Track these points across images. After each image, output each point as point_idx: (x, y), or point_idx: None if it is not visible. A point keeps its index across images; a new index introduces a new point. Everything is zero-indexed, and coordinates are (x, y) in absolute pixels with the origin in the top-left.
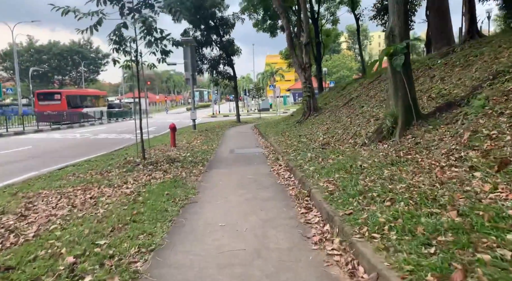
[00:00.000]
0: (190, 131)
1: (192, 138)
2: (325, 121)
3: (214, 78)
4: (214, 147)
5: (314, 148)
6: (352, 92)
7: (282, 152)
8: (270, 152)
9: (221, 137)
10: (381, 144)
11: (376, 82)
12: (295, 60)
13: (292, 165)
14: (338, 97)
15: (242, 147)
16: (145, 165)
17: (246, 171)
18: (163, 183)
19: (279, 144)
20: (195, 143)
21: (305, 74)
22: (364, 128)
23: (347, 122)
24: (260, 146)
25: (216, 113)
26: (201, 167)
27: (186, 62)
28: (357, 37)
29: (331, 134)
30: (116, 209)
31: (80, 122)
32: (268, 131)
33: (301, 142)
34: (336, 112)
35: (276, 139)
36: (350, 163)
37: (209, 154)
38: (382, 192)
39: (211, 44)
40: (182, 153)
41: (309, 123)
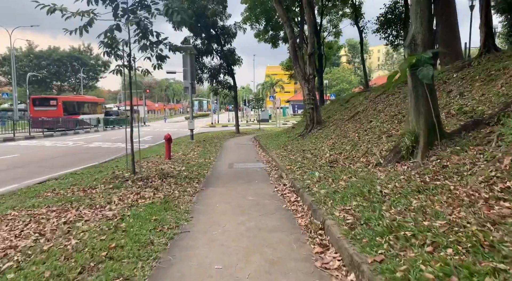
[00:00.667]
0: (188, 141)
1: (189, 149)
2: (330, 136)
3: (214, 88)
4: (212, 160)
5: (322, 165)
6: (357, 105)
7: (285, 169)
8: (272, 168)
9: (220, 149)
10: (400, 165)
11: (384, 96)
12: (298, 70)
13: (299, 185)
14: (342, 110)
15: (242, 160)
16: (134, 181)
17: (247, 190)
18: (152, 204)
19: (281, 159)
20: (192, 155)
21: (308, 86)
22: (376, 145)
23: (354, 138)
24: (261, 160)
25: (215, 123)
26: (196, 184)
27: (185, 70)
28: (360, 49)
29: (338, 150)
30: (92, 240)
31: (76, 129)
32: (269, 144)
33: (306, 157)
34: (341, 127)
35: (278, 154)
36: (367, 187)
37: (206, 168)
38: (418, 231)
39: (212, 53)
40: (176, 167)
41: (312, 137)
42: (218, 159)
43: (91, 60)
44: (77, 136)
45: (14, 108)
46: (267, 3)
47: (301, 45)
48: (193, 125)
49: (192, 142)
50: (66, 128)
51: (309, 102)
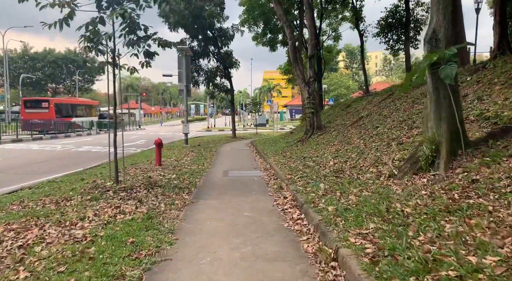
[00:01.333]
0: (182, 146)
1: (183, 154)
2: (332, 142)
3: (210, 91)
4: (206, 167)
5: (326, 175)
6: (360, 110)
7: (285, 178)
8: (270, 176)
9: (215, 154)
10: (418, 178)
11: (389, 101)
12: (298, 73)
13: (302, 199)
14: (344, 115)
15: (238, 167)
16: (116, 191)
17: (242, 204)
18: (132, 220)
19: (280, 167)
20: (185, 160)
21: (308, 89)
22: (386, 153)
23: (360, 145)
24: (258, 167)
25: (211, 127)
26: (186, 195)
27: (180, 72)
28: (361, 53)
29: (342, 158)
30: (47, 272)
31: (68, 132)
32: (266, 149)
33: (308, 165)
34: (344, 132)
35: (277, 161)
36: (384, 203)
37: (199, 176)
38: (465, 271)
39: (208, 56)
40: (167, 174)
41: (312, 143)
42: (212, 165)
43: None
44: (67, 139)
45: (6, 110)
46: (265, 5)
47: (300, 48)
48: (187, 130)
49: (186, 146)
50: (58, 131)
51: (309, 106)
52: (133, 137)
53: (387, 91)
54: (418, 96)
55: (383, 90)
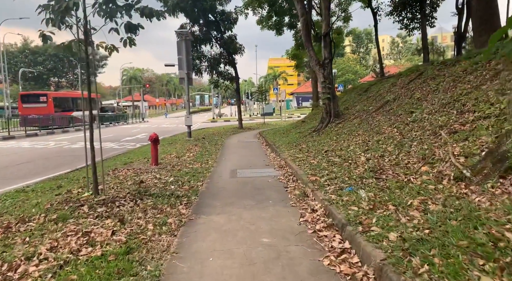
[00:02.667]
0: (184, 140)
1: (185, 149)
2: (356, 132)
3: (214, 80)
4: (210, 165)
5: (362, 176)
6: (383, 94)
7: (309, 180)
8: (288, 177)
9: (220, 149)
10: (509, 182)
11: (419, 81)
12: (312, 54)
13: (341, 216)
14: (363, 100)
15: (247, 165)
16: (93, 206)
17: (258, 221)
18: (102, 257)
19: (299, 164)
20: (187, 157)
21: (323, 72)
22: (437, 146)
23: (394, 135)
24: (271, 163)
25: (216, 118)
26: (184, 208)
27: (180, 59)
28: (375, 33)
29: (376, 152)
30: None
31: (69, 126)
32: (278, 141)
33: (333, 162)
34: (368, 120)
35: (293, 155)
36: (480, 229)
37: (202, 178)
38: None
39: (211, 41)
40: (163, 176)
41: (331, 133)
42: (218, 163)
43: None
44: (64, 135)
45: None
46: None
47: (310, 28)
48: (190, 121)
49: (189, 140)
50: (58, 126)
51: (325, 91)
52: (134, 130)
53: (413, 71)
54: (459, 74)
55: (408, 70)
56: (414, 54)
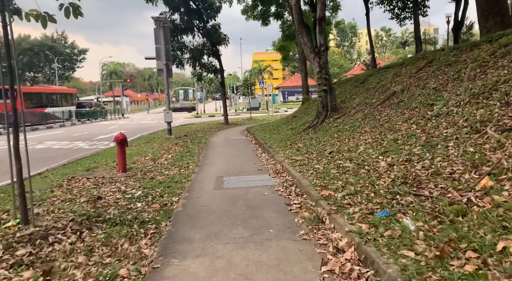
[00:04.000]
0: (164, 138)
1: (163, 150)
2: (362, 128)
3: (197, 72)
4: (191, 170)
5: (392, 191)
6: (386, 85)
7: (319, 195)
8: (288, 187)
9: (204, 148)
10: None
11: (432, 69)
12: (306, 40)
13: (398, 277)
14: (362, 92)
15: (236, 170)
16: (11, 246)
17: (256, 272)
18: None
19: (301, 170)
20: (164, 159)
21: (319, 61)
22: (491, 149)
23: (415, 132)
24: (265, 168)
25: (200, 113)
26: (147, 246)
27: (158, 48)
28: (366, 23)
29: (398, 154)
30: None
31: (42, 124)
32: (269, 139)
33: (344, 168)
34: (374, 114)
35: (290, 157)
36: None
37: (178, 191)
38: None
39: (193, 31)
40: (129, 188)
41: (330, 130)
42: (200, 167)
43: (66, 49)
44: (32, 133)
45: None
46: None
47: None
48: (170, 117)
49: (169, 138)
50: (31, 124)
51: (321, 82)
52: (111, 128)
53: (419, 59)
54: (485, 59)
55: (412, 58)
56: (398, 47)
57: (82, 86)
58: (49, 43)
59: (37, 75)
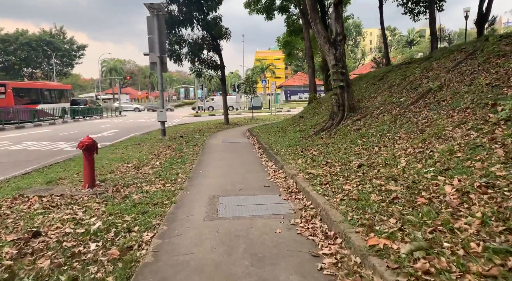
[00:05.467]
0: (157, 138)
1: (151, 155)
2: (393, 133)
3: (196, 68)
4: (178, 185)
5: (501, 247)
6: (416, 81)
7: (368, 250)
8: (310, 220)
9: (199, 153)
10: None
11: (475, 62)
12: (319, 29)
13: None
14: (384, 90)
15: (236, 186)
16: None
17: None
18: None
19: (324, 192)
20: (150, 167)
21: (335, 52)
22: None
23: (482, 142)
24: (273, 183)
25: (200, 112)
26: None
27: (151, 39)
28: (380, 15)
29: (466, 173)
30: None
31: (34, 121)
32: (275, 143)
33: (389, 193)
34: (407, 116)
35: (305, 170)
36: None
37: (153, 223)
38: None
39: (192, 23)
40: (88, 216)
41: (349, 134)
42: (190, 180)
43: (64, 44)
44: (16, 132)
45: None
46: None
47: None
48: (164, 117)
49: (163, 139)
50: (20, 121)
51: (336, 77)
52: (103, 126)
53: (452, 51)
54: None
55: (445, 51)
56: (405, 47)
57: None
58: (47, 39)
59: (35, 71)
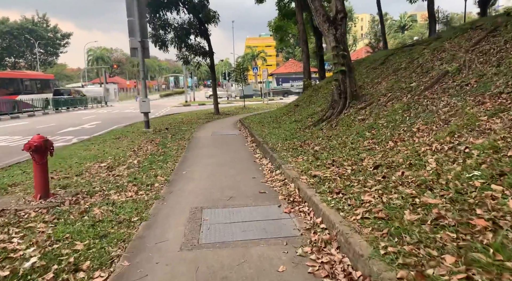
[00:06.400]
0: (140, 131)
1: (130, 151)
2: (408, 125)
3: (183, 55)
4: (154, 193)
5: None
6: (427, 64)
7: None
8: (322, 248)
9: (185, 149)
10: None
11: (499, 40)
12: (317, 6)
13: None
14: (389, 75)
15: (225, 193)
16: None
17: None
18: None
19: (337, 204)
20: (125, 167)
21: (335, 32)
22: None
23: None
24: (270, 188)
25: (190, 101)
26: None
27: (130, 22)
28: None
29: None
30: None
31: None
32: (269, 136)
33: (426, 207)
34: (422, 103)
35: (308, 171)
36: None
37: (111, 255)
38: None
39: (177, 6)
40: (22, 245)
41: (355, 125)
42: (170, 186)
43: (48, 33)
44: None
45: None
46: None
47: None
48: (147, 107)
49: (147, 131)
50: None
51: (337, 61)
52: (85, 118)
53: (465, 30)
54: None
55: (456, 30)
56: (397, 32)
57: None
58: (29, 26)
59: (19, 61)
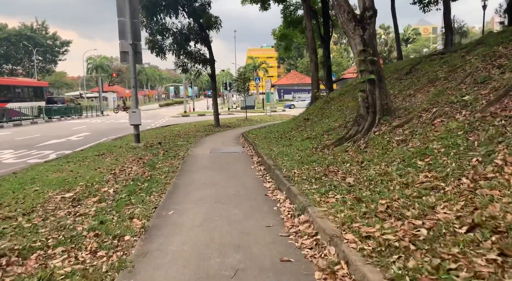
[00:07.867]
0: (128, 146)
1: (109, 174)
2: (487, 154)
3: (182, 62)
4: (120, 256)
5: None
6: (478, 72)
7: None
8: None
9: (177, 173)
10: None
11: None
12: (341, 2)
13: None
14: (424, 86)
15: (228, 256)
16: None
17: None
18: None
19: None
20: (95, 201)
21: (363, 34)
22: None
23: None
24: (296, 251)
25: (189, 112)
26: None
27: (121, 23)
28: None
29: None
30: None
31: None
32: (280, 158)
33: None
34: (495, 124)
35: (351, 226)
36: None
37: None
38: None
39: (177, 10)
40: None
41: (394, 148)
42: (148, 241)
43: (47, 40)
44: None
45: None
46: None
47: None
48: (137, 119)
49: (136, 147)
50: None
51: (365, 68)
52: (75, 128)
53: None
54: None
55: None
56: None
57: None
58: (27, 33)
59: (16, 68)
